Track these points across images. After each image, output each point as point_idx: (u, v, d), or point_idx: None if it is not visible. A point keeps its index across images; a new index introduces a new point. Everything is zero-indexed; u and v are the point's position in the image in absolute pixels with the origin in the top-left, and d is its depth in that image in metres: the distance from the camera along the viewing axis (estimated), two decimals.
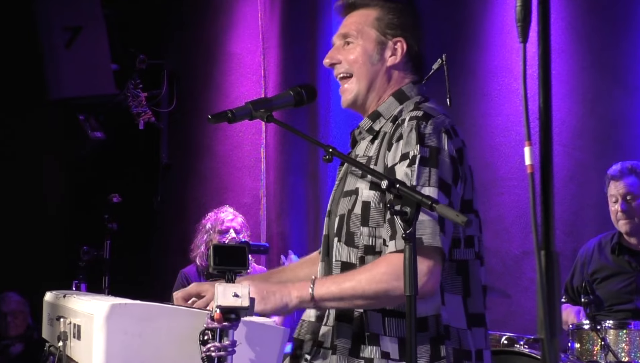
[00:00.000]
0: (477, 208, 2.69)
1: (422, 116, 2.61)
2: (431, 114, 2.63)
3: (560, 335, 1.74)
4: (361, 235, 2.63)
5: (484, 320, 2.66)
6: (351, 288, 2.52)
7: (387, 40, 2.79)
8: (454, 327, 2.57)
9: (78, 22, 6.99)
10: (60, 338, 2.72)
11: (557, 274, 1.74)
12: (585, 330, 4.60)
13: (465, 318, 2.61)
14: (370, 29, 2.80)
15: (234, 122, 2.69)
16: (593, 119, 5.97)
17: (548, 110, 1.79)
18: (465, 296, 2.62)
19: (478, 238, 2.69)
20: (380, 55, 2.79)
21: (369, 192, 2.63)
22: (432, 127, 2.58)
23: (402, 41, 2.79)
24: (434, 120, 2.61)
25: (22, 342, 7.15)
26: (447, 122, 2.64)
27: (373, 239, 2.62)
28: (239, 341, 2.32)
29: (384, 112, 2.77)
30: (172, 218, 7.61)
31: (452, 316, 2.58)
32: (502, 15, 6.26)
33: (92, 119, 7.41)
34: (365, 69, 2.79)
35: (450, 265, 2.60)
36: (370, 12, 2.83)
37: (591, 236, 5.39)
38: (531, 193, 1.74)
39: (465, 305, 2.61)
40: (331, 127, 6.49)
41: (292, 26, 6.89)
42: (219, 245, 2.37)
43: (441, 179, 2.52)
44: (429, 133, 2.58)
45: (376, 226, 2.61)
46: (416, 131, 2.58)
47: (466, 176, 2.64)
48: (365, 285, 2.51)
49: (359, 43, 2.80)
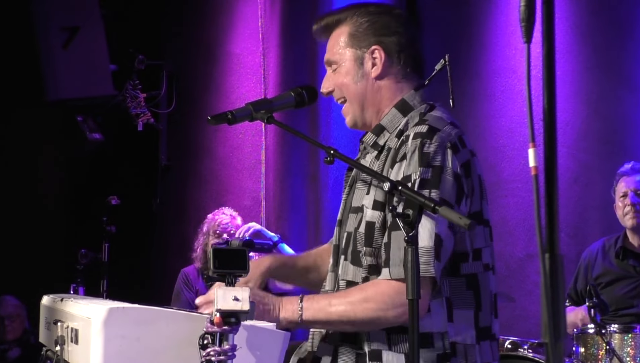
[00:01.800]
0: (487, 218, 2.69)
1: (427, 133, 2.58)
2: (436, 128, 2.60)
3: (565, 339, 1.73)
4: (364, 255, 2.64)
5: (490, 332, 2.66)
6: (337, 314, 2.54)
7: (363, 53, 2.75)
8: (460, 344, 2.57)
9: (76, 22, 6.99)
10: (57, 343, 2.72)
11: (561, 277, 1.74)
12: (590, 334, 4.60)
13: (475, 333, 2.61)
14: (346, 48, 2.77)
15: (234, 124, 2.69)
16: (598, 121, 5.96)
17: (552, 111, 1.79)
18: (477, 310, 2.62)
19: (489, 249, 2.68)
20: (361, 70, 2.76)
21: (373, 212, 2.63)
22: (436, 145, 2.56)
23: (378, 48, 2.74)
24: (439, 135, 2.58)
25: (20, 346, 7.15)
26: (454, 133, 2.61)
27: (375, 259, 2.62)
28: (239, 345, 2.32)
29: (387, 126, 2.74)
30: (172, 221, 7.61)
31: (459, 333, 2.58)
32: (505, 15, 6.26)
33: (90, 121, 7.42)
34: (353, 90, 2.77)
35: (459, 280, 2.60)
36: (344, 30, 2.79)
37: (596, 239, 5.39)
38: (535, 195, 1.74)
39: (477, 319, 2.61)
40: (332, 128, 6.48)
41: (293, 26, 6.89)
42: (219, 248, 2.36)
43: (441, 200, 2.50)
44: (433, 152, 2.55)
45: (379, 247, 2.61)
46: (419, 151, 2.55)
47: (474, 188, 2.61)
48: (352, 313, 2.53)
49: (341, 66, 2.78)
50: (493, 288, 2.68)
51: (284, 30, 6.94)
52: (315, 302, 2.60)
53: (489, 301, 2.65)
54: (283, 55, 6.91)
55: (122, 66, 7.36)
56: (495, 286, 2.70)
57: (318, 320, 2.57)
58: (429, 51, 3.34)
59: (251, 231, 5.51)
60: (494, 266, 2.71)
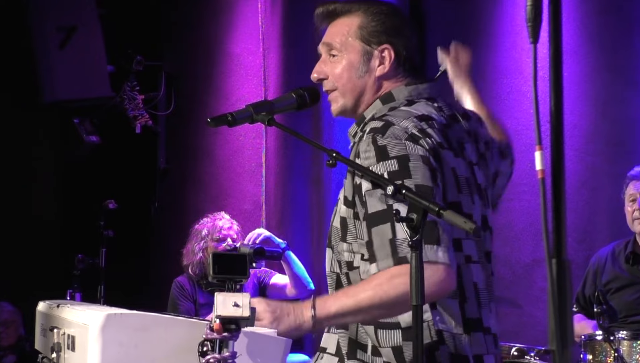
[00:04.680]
0: (470, 212, 2.65)
1: (381, 128, 2.57)
2: (391, 123, 2.58)
3: (573, 346, 1.73)
4: (342, 250, 2.65)
5: (482, 325, 2.65)
6: (368, 298, 2.50)
7: (372, 50, 2.75)
8: (447, 332, 2.57)
9: (72, 22, 6.99)
10: (53, 350, 2.72)
11: (569, 283, 1.74)
12: (598, 341, 4.59)
13: (462, 322, 2.60)
14: (354, 39, 2.76)
15: (234, 126, 2.69)
16: (606, 123, 5.96)
17: (559, 113, 1.80)
18: (462, 301, 2.61)
19: (471, 242, 2.65)
20: (366, 66, 2.75)
21: (344, 208, 2.63)
22: (390, 138, 2.53)
23: (389, 48, 2.74)
24: (392, 129, 2.55)
25: (15, 354, 7.15)
26: (412, 125, 2.58)
27: (352, 255, 2.63)
28: (240, 352, 2.32)
29: (367, 116, 2.75)
30: (170, 225, 7.60)
31: (444, 321, 2.57)
32: (512, 15, 6.26)
33: (87, 123, 7.42)
34: (351, 84, 2.76)
35: None
36: (353, 20, 2.78)
37: (604, 244, 5.39)
38: (542, 199, 1.74)
39: (463, 310, 2.61)
40: (335, 131, 6.48)
41: (294, 26, 6.89)
42: (219, 253, 2.37)
43: (420, 186, 2.47)
44: (388, 143, 2.53)
45: (353, 242, 2.62)
46: (374, 146, 2.54)
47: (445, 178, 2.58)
48: (383, 293, 2.48)
49: (343, 56, 2.76)
50: (479, 280, 2.66)
51: (285, 30, 6.94)
52: (342, 293, 2.59)
53: (474, 293, 2.64)
54: (284, 55, 6.91)
55: (120, 66, 7.36)
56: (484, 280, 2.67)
57: (348, 309, 2.52)
58: (433, 50, 3.35)
59: (261, 237, 5.50)
60: (482, 259, 2.68)
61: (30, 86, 6.94)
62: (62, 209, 7.80)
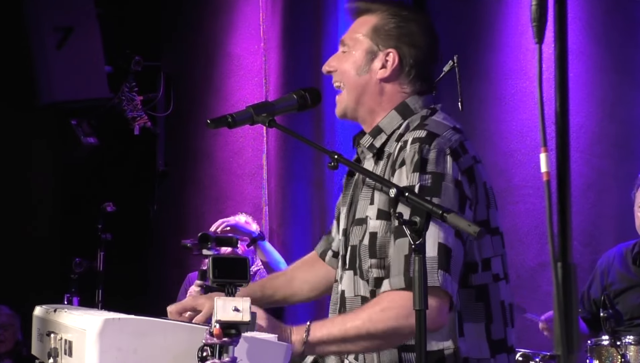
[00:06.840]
0: (497, 226, 2.68)
1: (425, 138, 2.59)
2: (436, 133, 2.61)
3: (579, 351, 1.73)
4: (370, 267, 2.64)
5: (506, 345, 2.66)
6: (355, 328, 2.52)
7: (378, 51, 2.78)
8: (473, 359, 2.57)
9: (70, 22, 6.99)
10: (50, 355, 2.72)
11: (574, 287, 1.74)
12: (605, 345, 4.59)
13: (489, 346, 2.61)
14: (365, 37, 2.79)
15: (234, 127, 2.70)
16: (612, 124, 5.95)
17: (565, 114, 1.80)
18: (488, 323, 2.62)
19: (500, 258, 2.68)
20: (368, 66, 2.78)
21: (375, 222, 2.64)
22: (435, 151, 2.56)
23: (393, 52, 2.76)
24: (438, 141, 2.59)
25: (12, 359, 7.15)
26: (454, 139, 2.62)
27: (381, 271, 2.62)
28: (240, 358, 2.32)
29: (385, 128, 2.76)
30: (169, 228, 7.60)
31: (471, 348, 2.58)
32: (516, 14, 6.26)
33: (85, 124, 7.42)
34: (353, 80, 2.79)
35: (469, 291, 2.60)
36: (370, 19, 2.82)
37: (610, 247, 5.38)
38: (547, 201, 1.74)
39: (488, 332, 2.61)
40: (337, 133, 6.48)
41: (295, 26, 6.89)
42: (219, 257, 2.36)
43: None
44: (432, 158, 2.55)
45: (385, 257, 2.61)
46: (418, 155, 2.56)
47: (478, 196, 2.62)
48: (371, 324, 2.50)
49: (351, 52, 2.80)
50: (506, 297, 2.68)
51: (286, 30, 6.94)
52: (329, 321, 2.60)
53: (500, 312, 2.65)
54: (285, 56, 6.91)
55: (118, 67, 7.36)
56: (510, 296, 2.70)
57: (333, 337, 2.53)
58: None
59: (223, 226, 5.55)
60: (507, 275, 2.71)
61: (27, 87, 6.94)
62: (60, 212, 7.80)
